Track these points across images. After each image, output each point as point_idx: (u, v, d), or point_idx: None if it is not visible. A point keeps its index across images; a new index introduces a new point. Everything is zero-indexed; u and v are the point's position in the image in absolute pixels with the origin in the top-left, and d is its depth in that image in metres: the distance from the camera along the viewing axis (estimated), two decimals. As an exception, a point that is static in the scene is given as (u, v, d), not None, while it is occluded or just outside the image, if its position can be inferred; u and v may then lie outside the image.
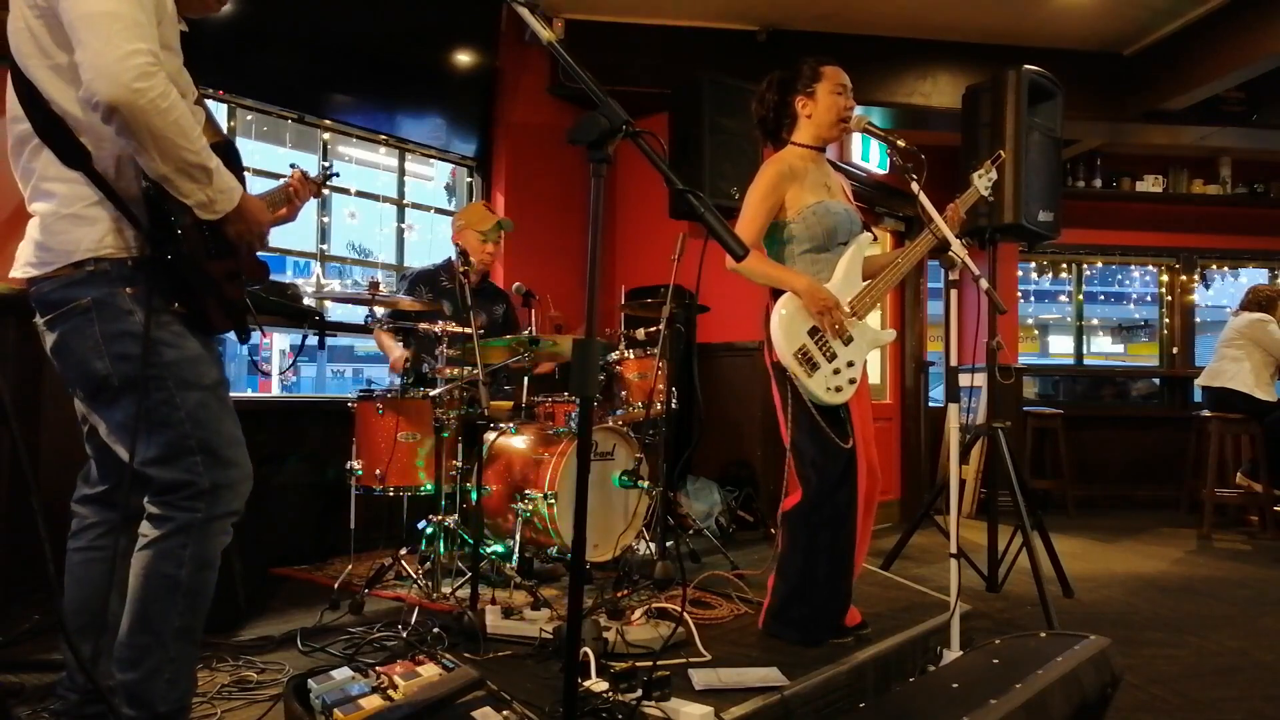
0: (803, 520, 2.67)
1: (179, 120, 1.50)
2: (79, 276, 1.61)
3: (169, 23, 1.63)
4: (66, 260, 1.62)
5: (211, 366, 1.72)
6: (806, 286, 2.60)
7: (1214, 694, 2.65)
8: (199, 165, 1.55)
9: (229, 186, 1.63)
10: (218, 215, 1.64)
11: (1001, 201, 3.87)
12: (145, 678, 1.62)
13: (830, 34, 5.26)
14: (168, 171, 1.53)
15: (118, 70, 1.44)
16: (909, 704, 1.92)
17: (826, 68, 2.76)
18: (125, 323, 1.61)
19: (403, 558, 3.17)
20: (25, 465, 2.49)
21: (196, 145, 1.53)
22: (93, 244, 1.60)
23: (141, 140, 1.49)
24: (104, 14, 1.46)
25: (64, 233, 1.61)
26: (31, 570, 2.80)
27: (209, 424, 1.67)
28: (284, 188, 2.14)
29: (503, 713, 1.79)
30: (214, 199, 1.61)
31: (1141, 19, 5.17)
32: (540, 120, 5.21)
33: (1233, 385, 5.61)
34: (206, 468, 1.65)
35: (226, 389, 1.76)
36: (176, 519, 1.65)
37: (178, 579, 1.63)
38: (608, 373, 3.84)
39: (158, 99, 1.46)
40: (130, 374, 1.62)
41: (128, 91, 1.43)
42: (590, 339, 1.43)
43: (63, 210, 1.61)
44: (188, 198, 1.58)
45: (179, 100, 1.51)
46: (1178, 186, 7.03)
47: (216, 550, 1.70)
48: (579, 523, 1.43)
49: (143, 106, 1.45)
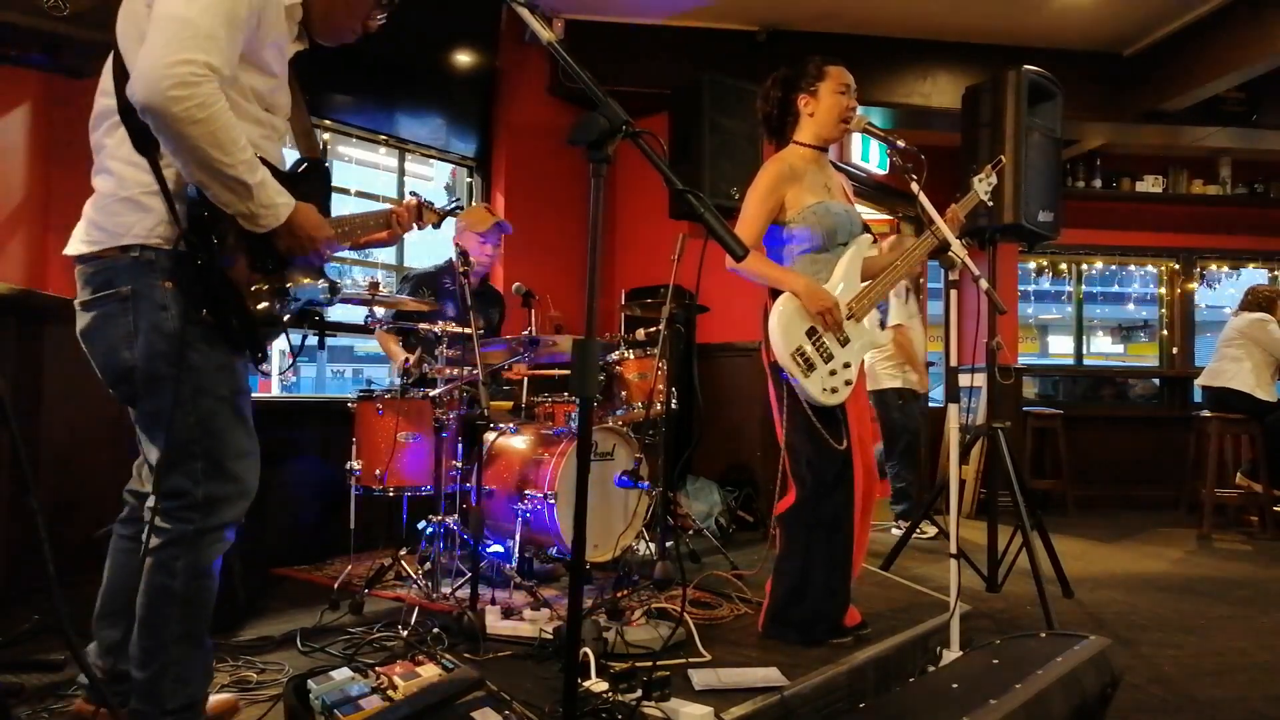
0: (799, 521, 2.67)
1: (216, 132, 1.50)
2: (124, 261, 1.62)
3: (269, 46, 1.66)
4: (115, 242, 1.63)
5: (233, 376, 1.71)
6: (805, 287, 2.60)
7: (1214, 694, 2.64)
8: (235, 179, 1.55)
9: (274, 202, 1.63)
10: (263, 229, 1.64)
11: (1001, 202, 3.87)
12: (153, 677, 1.65)
13: (830, 34, 5.26)
14: (203, 179, 1.55)
15: (158, 76, 1.45)
16: (909, 704, 1.92)
17: (831, 67, 2.76)
18: (158, 317, 1.62)
19: (403, 558, 3.17)
20: (25, 465, 2.48)
21: (234, 159, 1.53)
22: (144, 231, 1.61)
23: (174, 145, 1.51)
24: (176, 18, 1.48)
25: (118, 215, 1.63)
26: (31, 570, 2.80)
27: (217, 434, 1.67)
28: (385, 212, 2.16)
29: (503, 713, 1.79)
30: (256, 213, 1.61)
31: (1141, 19, 5.17)
32: (540, 120, 5.21)
33: (1233, 385, 5.61)
34: (206, 477, 1.66)
35: (246, 400, 1.75)
36: (171, 531, 1.66)
37: (172, 589, 1.65)
38: (608, 373, 3.84)
39: (193, 109, 1.46)
40: (154, 371, 1.63)
41: (161, 98, 1.45)
42: (590, 339, 1.43)
43: (121, 192, 1.63)
44: (227, 208, 1.59)
45: (222, 114, 1.51)
46: (1178, 186, 7.03)
47: (211, 560, 1.70)
48: (579, 523, 1.43)
49: (176, 114, 1.46)
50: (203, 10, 1.49)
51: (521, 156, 5.21)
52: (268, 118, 1.74)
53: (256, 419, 1.79)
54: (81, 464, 2.97)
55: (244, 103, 1.66)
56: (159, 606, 1.65)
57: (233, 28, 1.54)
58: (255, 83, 1.66)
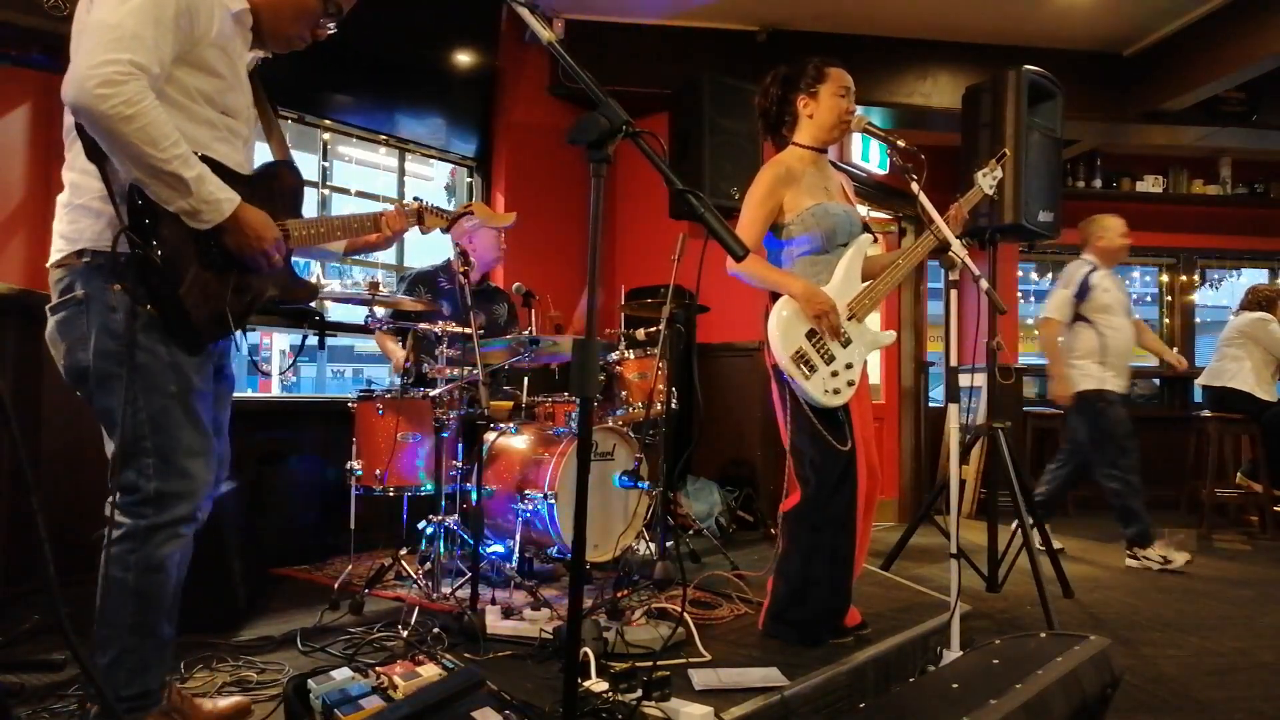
0: (802, 521, 2.67)
1: (146, 127, 1.54)
2: (79, 267, 1.69)
3: (209, 44, 1.70)
4: (71, 249, 1.69)
5: (183, 375, 1.74)
6: (803, 290, 2.60)
7: (1214, 694, 2.65)
8: (170, 174, 1.58)
9: (216, 198, 1.66)
10: (206, 225, 1.68)
11: (1002, 201, 3.87)
12: (110, 664, 1.72)
13: (830, 34, 5.26)
14: (141, 176, 1.59)
15: (84, 76, 1.51)
16: (909, 704, 1.92)
17: (832, 69, 2.76)
18: (107, 319, 1.67)
19: (403, 558, 3.17)
20: (25, 465, 2.49)
21: (167, 154, 1.57)
22: (93, 236, 1.67)
23: (108, 144, 1.57)
24: (104, 24, 1.55)
25: (75, 221, 1.70)
26: (31, 570, 2.80)
27: (168, 430, 1.72)
28: (371, 215, 2.16)
29: (503, 713, 1.79)
30: (197, 208, 1.64)
31: (1141, 19, 5.17)
32: (540, 120, 5.21)
33: (1233, 385, 5.61)
34: (156, 473, 1.70)
35: (199, 399, 1.78)
36: (125, 526, 1.71)
37: (125, 582, 1.70)
38: (608, 373, 3.84)
39: (120, 105, 1.51)
40: (105, 370, 1.68)
41: (89, 97, 1.51)
42: (590, 339, 1.43)
43: (76, 200, 1.70)
44: (168, 204, 1.63)
45: (150, 110, 1.55)
46: (1178, 186, 7.03)
47: (164, 556, 1.73)
48: (579, 523, 1.43)
49: (103, 112, 1.51)
50: (128, 13, 1.55)
51: (521, 156, 5.21)
52: (221, 119, 1.77)
53: (257, 419, 1.80)
54: (81, 464, 2.96)
55: (190, 104, 1.70)
56: (112, 598, 1.70)
57: (160, 28, 1.58)
58: (199, 84, 1.71)
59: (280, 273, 1.86)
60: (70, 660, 2.20)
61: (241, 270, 1.77)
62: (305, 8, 1.86)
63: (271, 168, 1.92)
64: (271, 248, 1.78)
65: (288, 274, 1.91)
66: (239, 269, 1.77)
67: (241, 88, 1.83)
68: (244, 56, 1.84)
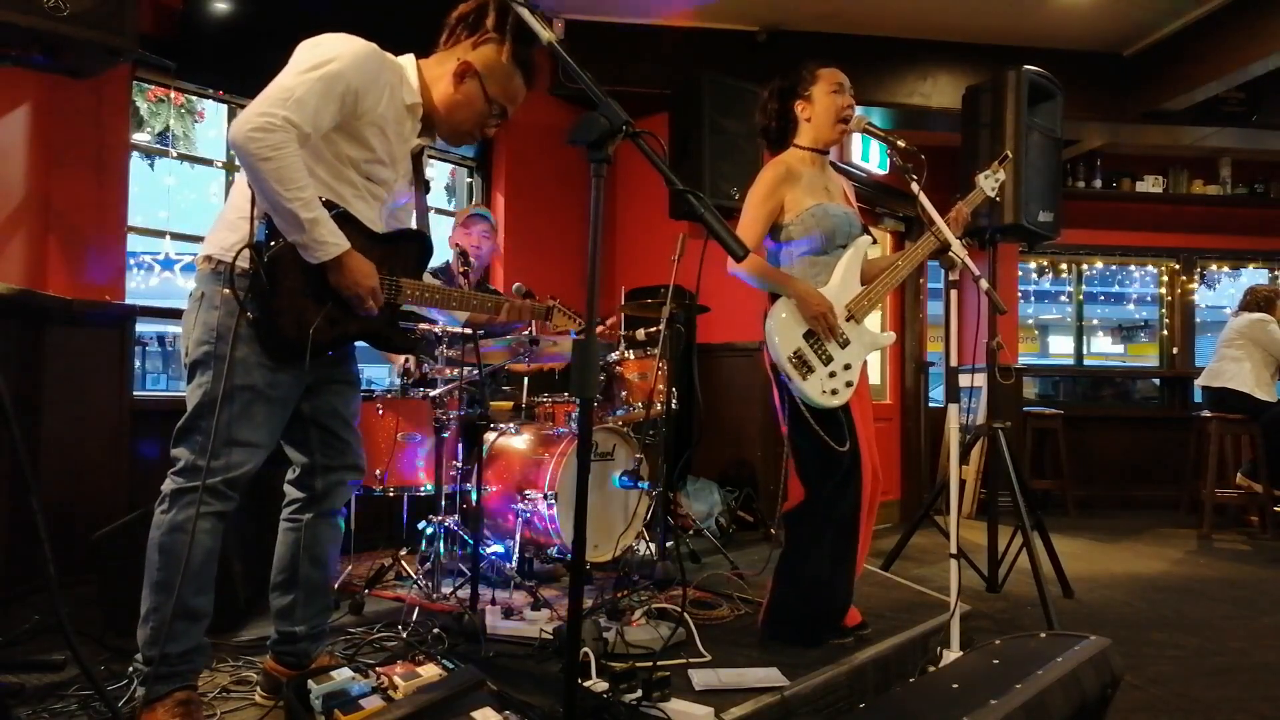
0: (803, 521, 2.67)
1: (279, 170, 1.78)
2: (206, 270, 1.95)
3: (368, 123, 1.95)
4: (206, 252, 1.96)
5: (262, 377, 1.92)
6: (801, 291, 2.61)
7: (1214, 694, 2.65)
8: (290, 211, 1.81)
9: (325, 240, 1.87)
10: (314, 260, 1.89)
11: (1002, 202, 3.88)
12: (142, 619, 1.90)
13: (830, 34, 5.26)
14: (268, 208, 1.84)
15: (246, 120, 1.78)
16: (909, 704, 1.92)
17: (821, 69, 2.77)
18: (210, 316, 1.92)
19: (403, 558, 3.17)
20: (25, 465, 2.48)
21: (292, 195, 1.80)
22: (225, 247, 1.90)
23: (250, 176, 1.83)
24: (281, 84, 1.83)
25: (219, 231, 1.97)
26: (31, 570, 2.80)
27: (224, 416, 1.89)
28: (497, 299, 2.43)
29: (503, 713, 1.79)
30: (308, 244, 1.86)
31: (1141, 19, 5.17)
32: (540, 120, 5.20)
33: (1233, 385, 5.61)
34: (200, 449, 1.88)
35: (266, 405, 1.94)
36: (164, 490, 1.92)
37: (154, 540, 1.90)
38: (608, 373, 3.84)
39: (264, 149, 1.77)
40: (195, 358, 1.93)
41: (243, 136, 1.77)
42: (590, 339, 1.43)
43: (229, 214, 1.97)
44: (287, 234, 1.86)
45: (288, 157, 1.79)
46: (1178, 187, 7.03)
47: (185, 518, 1.87)
48: (579, 523, 1.43)
49: (250, 151, 1.77)
50: (303, 81, 1.83)
51: (521, 156, 5.20)
52: (364, 183, 2.02)
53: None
54: (81, 464, 2.96)
55: (338, 165, 1.97)
56: (147, 555, 1.91)
57: (324, 99, 1.85)
58: (351, 151, 1.97)
59: (378, 319, 2.04)
60: (70, 660, 2.20)
61: (338, 304, 1.96)
62: (476, 110, 2.12)
63: (404, 233, 2.17)
64: (367, 293, 1.95)
65: (385, 321, 2.09)
66: (335, 302, 1.96)
67: (394, 164, 2.07)
68: (408, 140, 2.10)
